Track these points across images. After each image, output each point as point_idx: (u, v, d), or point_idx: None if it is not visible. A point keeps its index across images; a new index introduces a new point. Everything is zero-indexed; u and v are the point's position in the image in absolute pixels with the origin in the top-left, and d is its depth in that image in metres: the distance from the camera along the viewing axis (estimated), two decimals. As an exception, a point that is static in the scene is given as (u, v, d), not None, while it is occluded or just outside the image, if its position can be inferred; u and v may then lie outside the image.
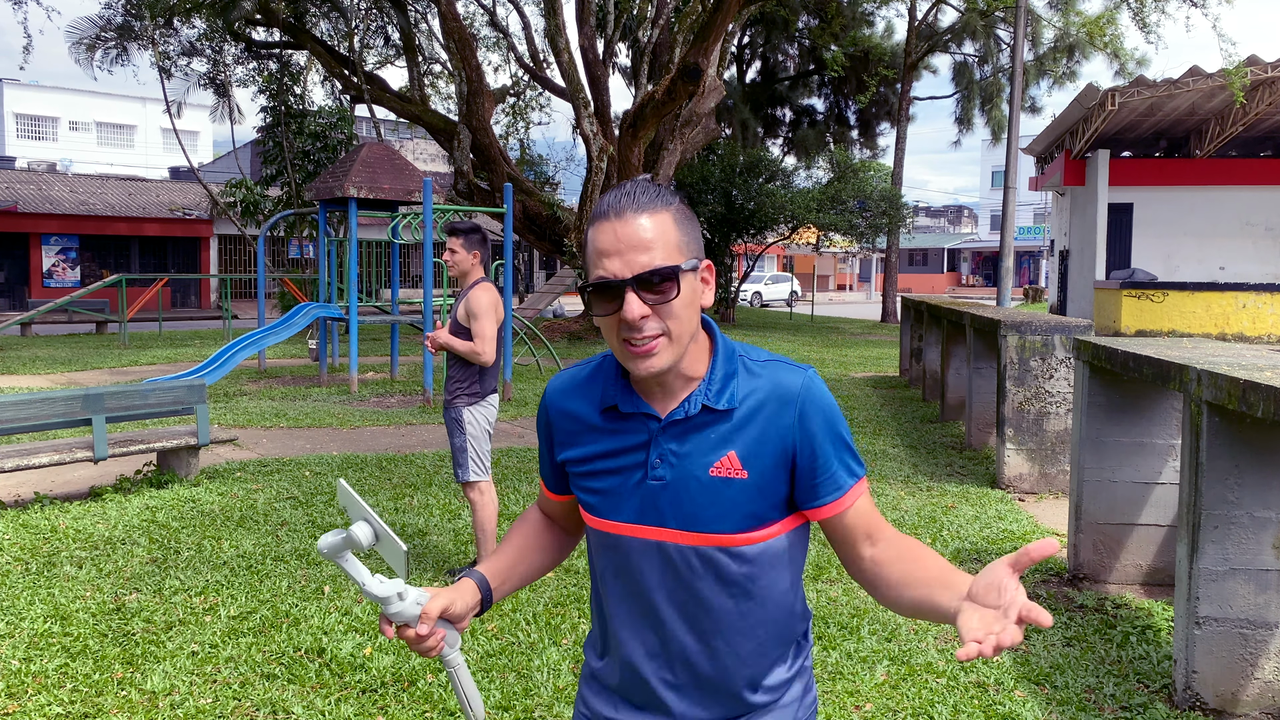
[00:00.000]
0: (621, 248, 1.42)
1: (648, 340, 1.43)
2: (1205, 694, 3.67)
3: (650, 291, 1.42)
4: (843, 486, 1.50)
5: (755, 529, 1.49)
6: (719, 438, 1.48)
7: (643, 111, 17.39)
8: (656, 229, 1.43)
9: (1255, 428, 3.55)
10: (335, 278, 14.81)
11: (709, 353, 1.53)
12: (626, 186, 1.47)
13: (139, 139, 54.03)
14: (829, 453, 1.49)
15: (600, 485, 1.54)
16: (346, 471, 7.61)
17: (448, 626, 1.56)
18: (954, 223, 76.58)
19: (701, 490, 1.47)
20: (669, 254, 1.43)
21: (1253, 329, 16.13)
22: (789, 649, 1.61)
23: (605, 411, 1.55)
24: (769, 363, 1.53)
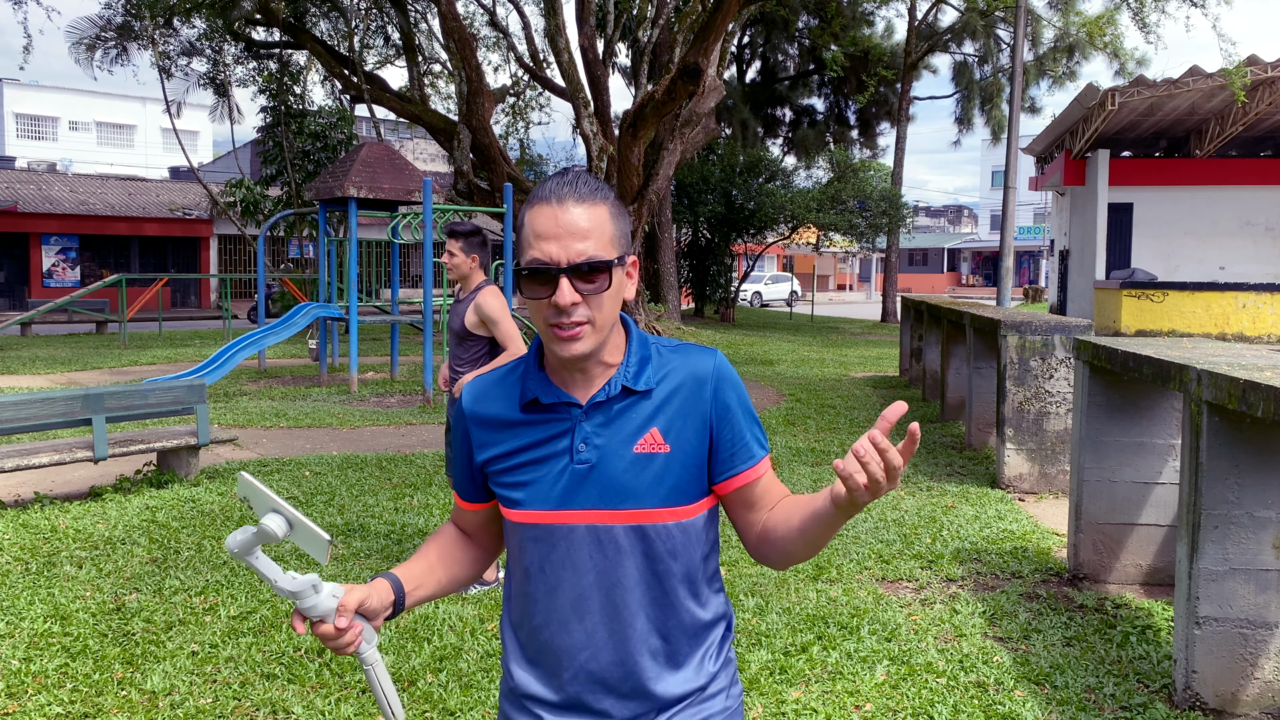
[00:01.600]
0: (560, 233, 1.47)
1: (574, 325, 1.48)
2: (1205, 694, 3.67)
3: (583, 280, 1.47)
4: (755, 456, 1.59)
5: (679, 504, 1.54)
6: (640, 416, 1.54)
7: (643, 111, 17.39)
8: (594, 220, 1.49)
9: (1255, 428, 3.55)
10: (335, 278, 14.81)
11: (624, 341, 1.60)
12: (568, 175, 1.52)
13: (139, 139, 54.04)
14: (743, 424, 1.58)
15: (525, 478, 1.56)
16: (346, 471, 7.61)
17: (364, 622, 1.54)
18: (954, 223, 76.58)
19: (626, 467, 1.52)
20: (604, 246, 1.49)
21: (1253, 329, 16.13)
22: (710, 638, 1.63)
23: (525, 406, 1.58)
24: (680, 347, 1.61)
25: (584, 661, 1.56)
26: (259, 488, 1.47)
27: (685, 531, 1.56)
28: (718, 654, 1.64)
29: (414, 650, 4.15)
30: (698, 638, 1.61)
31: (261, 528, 1.46)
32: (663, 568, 1.55)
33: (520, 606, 1.63)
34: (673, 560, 1.55)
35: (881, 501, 6.85)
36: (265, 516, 1.47)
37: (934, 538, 5.92)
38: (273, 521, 1.46)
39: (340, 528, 6.03)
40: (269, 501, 1.47)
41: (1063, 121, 20.90)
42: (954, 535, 5.99)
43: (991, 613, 4.67)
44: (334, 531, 5.94)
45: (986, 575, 5.26)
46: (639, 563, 1.54)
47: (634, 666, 1.56)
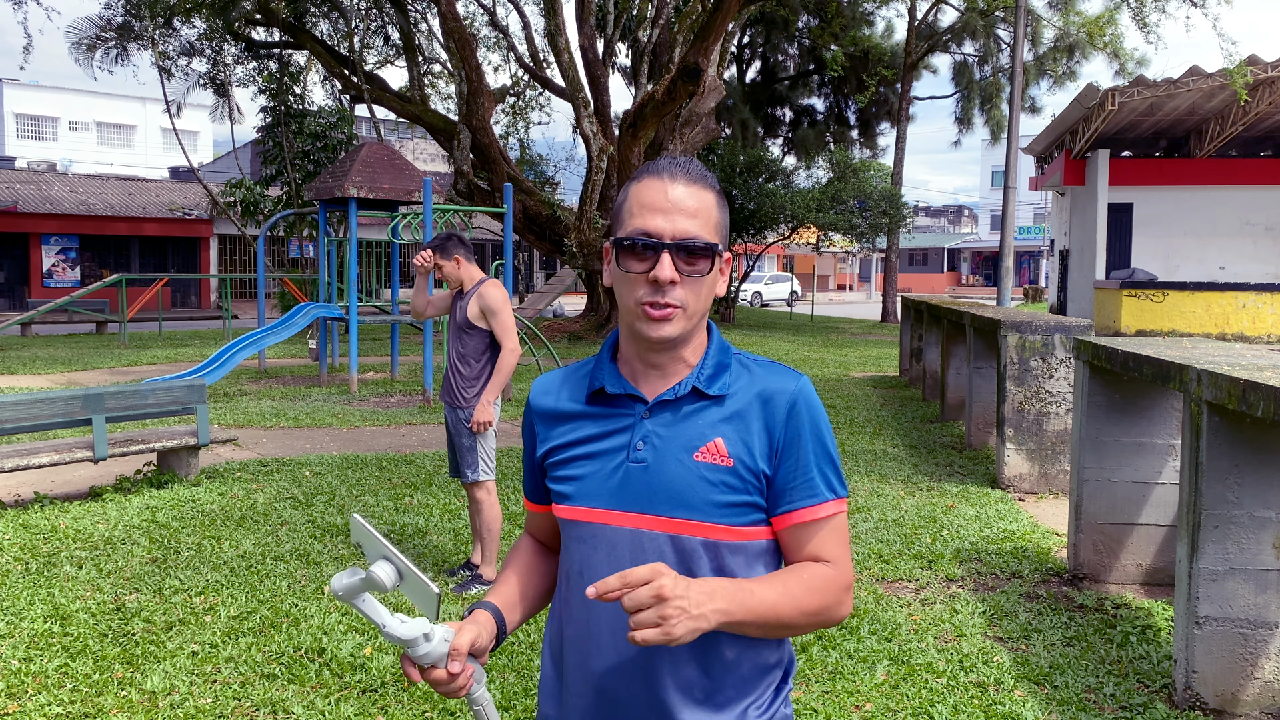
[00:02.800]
0: (669, 207, 1.41)
1: (667, 307, 1.41)
2: (1205, 694, 3.67)
3: (685, 260, 1.41)
4: (818, 496, 1.45)
5: (733, 524, 1.43)
6: (706, 423, 1.45)
7: (643, 111, 17.39)
8: (704, 204, 1.44)
9: (1255, 428, 3.55)
10: (335, 278, 14.81)
11: (704, 343, 1.52)
12: (679, 158, 1.47)
13: (139, 139, 54.03)
14: (811, 458, 1.45)
15: (579, 471, 1.49)
16: (346, 471, 7.61)
17: (475, 663, 1.45)
18: (954, 223, 76.57)
19: (683, 473, 1.43)
20: (710, 231, 1.44)
21: (1253, 329, 16.13)
22: (763, 683, 1.49)
23: (592, 397, 1.51)
24: (765, 362, 1.52)
25: (611, 685, 1.45)
26: (371, 533, 1.39)
27: (737, 554, 1.44)
28: (768, 706, 1.48)
29: (414, 650, 4.15)
30: (746, 681, 1.47)
31: (371, 575, 1.39)
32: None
33: (559, 615, 1.55)
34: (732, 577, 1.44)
35: (881, 501, 6.85)
36: (375, 564, 1.39)
37: (934, 538, 5.92)
38: (382, 570, 1.38)
39: (340, 528, 6.03)
40: (380, 549, 1.39)
41: (1063, 121, 20.90)
42: (954, 535, 5.99)
43: (991, 613, 4.67)
44: (334, 531, 5.94)
45: (986, 575, 5.26)
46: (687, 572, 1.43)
47: (663, 699, 1.43)
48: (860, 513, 6.51)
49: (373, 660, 4.04)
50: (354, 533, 1.43)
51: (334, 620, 4.48)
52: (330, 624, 4.43)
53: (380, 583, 1.37)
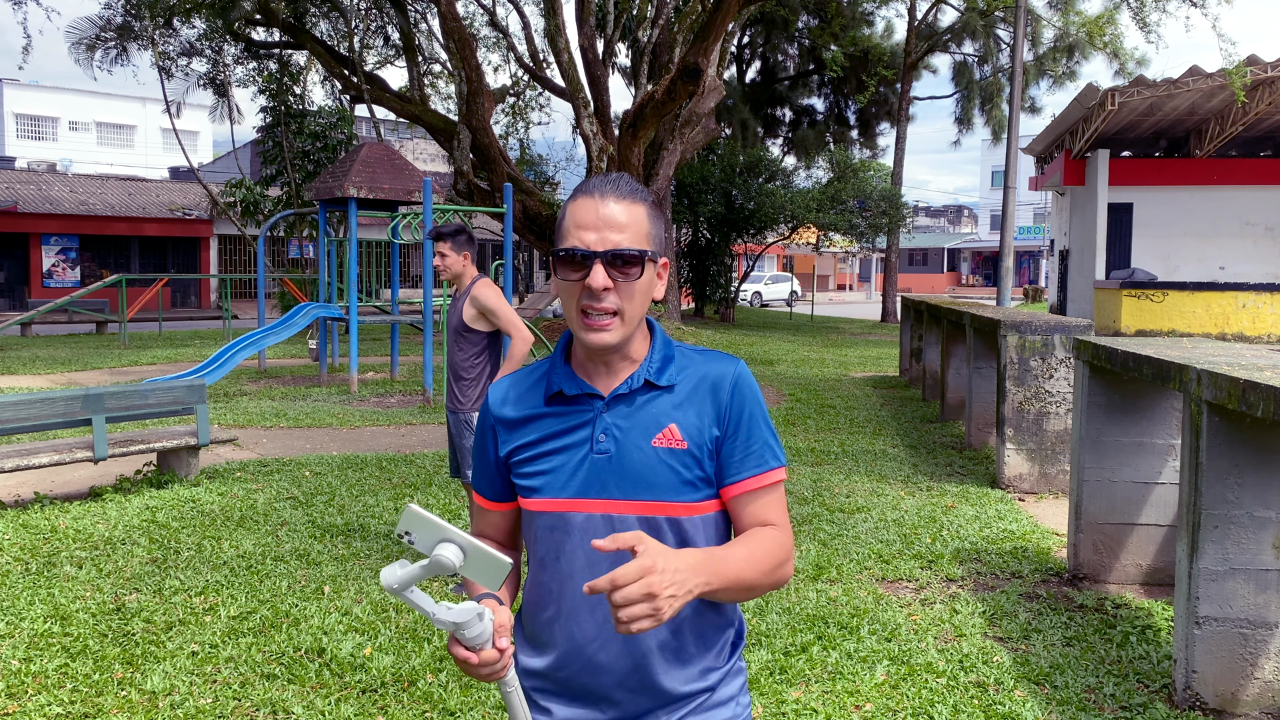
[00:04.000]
0: (599, 224, 1.54)
1: (604, 315, 1.54)
2: (1205, 694, 3.67)
3: (616, 269, 1.54)
4: (765, 464, 1.60)
5: (694, 500, 1.57)
6: (660, 411, 1.59)
7: (643, 111, 17.39)
8: (632, 216, 1.56)
9: (1255, 428, 3.55)
10: (335, 278, 14.81)
11: (648, 340, 1.65)
12: (611, 175, 1.61)
13: (139, 139, 54.02)
14: (759, 429, 1.61)
15: (545, 466, 1.61)
16: (346, 471, 7.61)
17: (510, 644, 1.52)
18: (954, 223, 76.56)
19: (644, 459, 1.56)
20: (638, 240, 1.56)
21: (1253, 329, 16.13)
22: (720, 641, 1.65)
23: (550, 399, 1.63)
24: (704, 351, 1.66)
25: (594, 652, 1.58)
26: (429, 518, 1.41)
27: (698, 527, 1.59)
28: (726, 659, 1.66)
29: (414, 650, 4.15)
30: (706, 638, 1.63)
31: (435, 559, 1.40)
32: None
33: (533, 598, 1.66)
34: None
35: (881, 501, 6.85)
36: (439, 547, 1.41)
37: (934, 538, 5.92)
38: (448, 552, 1.40)
39: (340, 528, 6.03)
40: (440, 532, 1.41)
41: (1063, 121, 20.90)
42: (954, 535, 5.99)
43: (991, 613, 4.67)
44: (334, 531, 5.94)
45: (986, 575, 5.26)
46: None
47: (642, 659, 1.58)
48: (860, 513, 6.51)
49: (373, 660, 4.04)
50: (404, 522, 1.43)
51: (334, 620, 4.48)
52: (330, 624, 4.43)
53: (447, 565, 1.40)
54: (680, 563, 1.40)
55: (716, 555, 1.48)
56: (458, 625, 1.40)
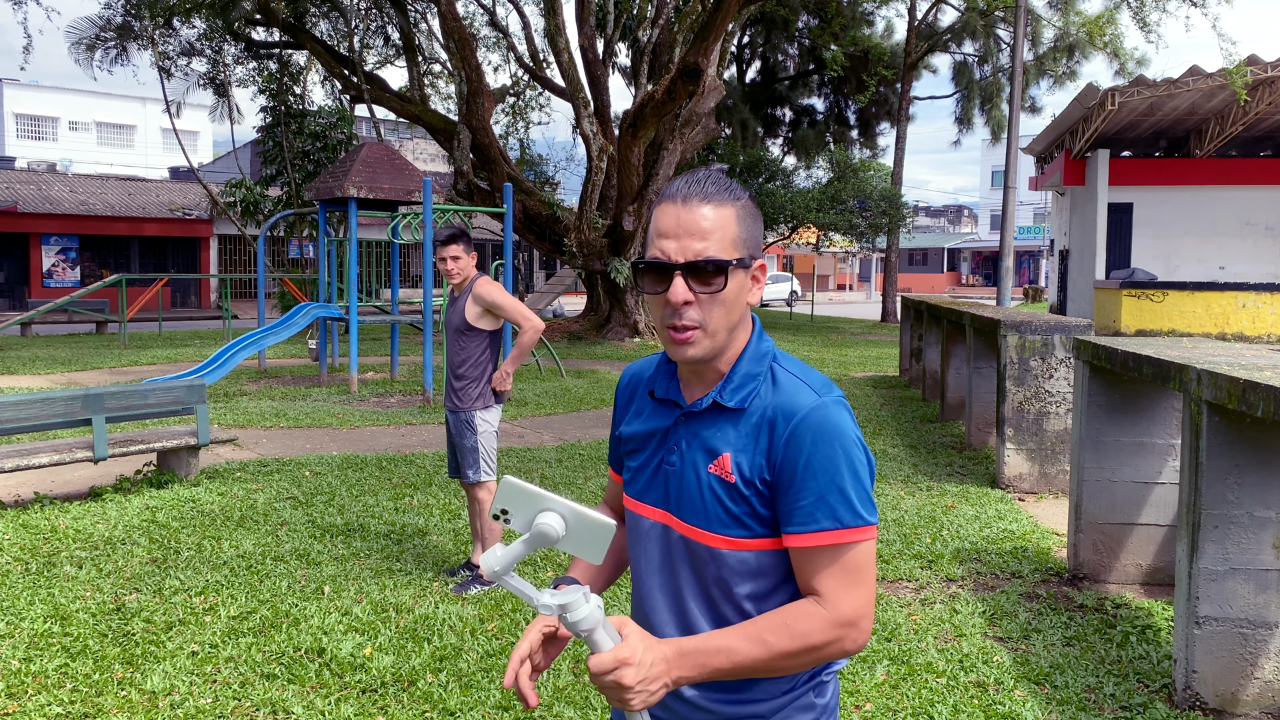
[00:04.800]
0: (680, 232, 1.45)
1: (686, 329, 1.46)
2: (1205, 694, 3.67)
3: (698, 280, 1.45)
4: (812, 524, 1.41)
5: (735, 536, 1.47)
6: (721, 437, 1.49)
7: (643, 111, 17.38)
8: (717, 221, 1.46)
9: (1255, 428, 3.55)
10: (335, 278, 14.81)
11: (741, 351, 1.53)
12: (699, 174, 1.50)
13: (139, 139, 54.02)
14: (808, 483, 1.42)
15: (634, 464, 1.60)
16: (346, 471, 7.61)
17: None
18: (954, 222, 76.55)
19: (698, 483, 1.49)
20: (724, 247, 1.46)
21: (1253, 329, 16.13)
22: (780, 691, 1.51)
23: (651, 395, 1.61)
24: (795, 377, 1.50)
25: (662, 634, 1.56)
26: (527, 488, 1.36)
27: (744, 563, 1.48)
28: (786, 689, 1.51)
29: (414, 650, 4.15)
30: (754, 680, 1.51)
31: (537, 531, 1.35)
32: (720, 590, 1.50)
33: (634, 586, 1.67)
34: (730, 585, 1.49)
35: (881, 501, 6.85)
36: (540, 517, 1.35)
37: (934, 538, 5.92)
38: (550, 521, 1.35)
39: (340, 528, 6.03)
40: (540, 500, 1.36)
41: (1063, 121, 20.89)
42: (954, 535, 5.99)
43: (991, 613, 4.67)
44: (334, 531, 5.94)
45: (986, 575, 5.26)
46: (697, 575, 1.51)
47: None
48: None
49: (373, 660, 4.04)
50: (500, 498, 1.38)
51: (334, 620, 4.48)
52: (330, 624, 4.43)
53: (550, 536, 1.35)
54: (658, 654, 1.37)
55: (710, 644, 1.40)
56: (564, 607, 1.33)
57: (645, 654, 1.36)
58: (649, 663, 1.36)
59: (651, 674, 1.36)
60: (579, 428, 10.06)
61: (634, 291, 20.09)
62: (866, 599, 1.44)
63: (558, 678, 3.90)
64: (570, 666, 4.01)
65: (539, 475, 7.54)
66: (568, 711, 3.62)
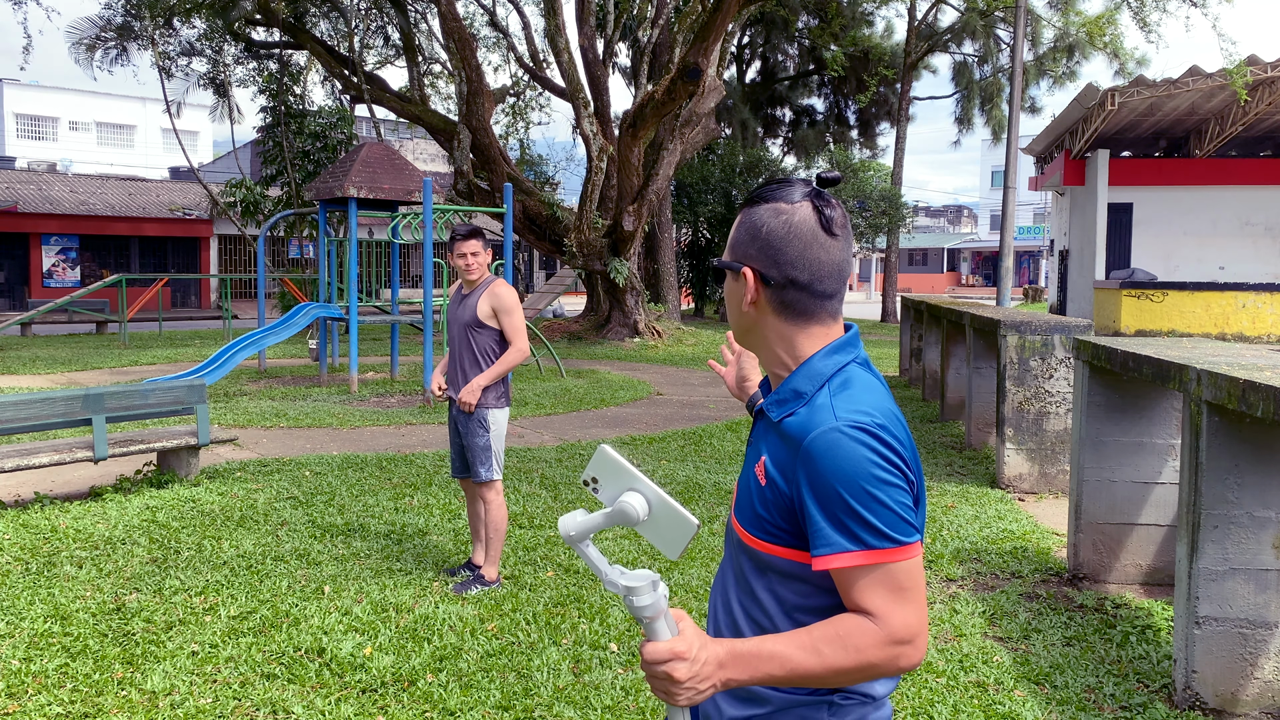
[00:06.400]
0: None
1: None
2: (1205, 694, 3.67)
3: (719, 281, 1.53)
4: (829, 546, 1.39)
5: (763, 540, 1.49)
6: (766, 442, 1.54)
7: (643, 111, 17.38)
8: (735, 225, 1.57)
9: (1255, 428, 3.55)
10: (335, 278, 14.81)
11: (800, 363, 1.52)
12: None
13: (139, 139, 54.02)
14: (815, 507, 1.40)
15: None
16: (346, 471, 7.61)
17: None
18: (954, 223, 76.55)
19: (745, 482, 1.56)
20: (726, 250, 1.56)
21: (1253, 329, 16.13)
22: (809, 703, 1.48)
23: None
24: (828, 400, 1.45)
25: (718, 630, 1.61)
26: (621, 462, 1.34)
27: (777, 569, 1.49)
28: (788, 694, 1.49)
29: (414, 650, 4.15)
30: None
31: (619, 508, 1.32)
32: (760, 585, 1.51)
33: None
34: (770, 584, 1.50)
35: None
36: (625, 495, 1.33)
37: (934, 538, 5.92)
38: (634, 501, 1.32)
39: (340, 528, 6.03)
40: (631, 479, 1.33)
41: (1063, 121, 20.90)
42: (954, 535, 5.99)
43: (991, 613, 4.67)
44: (334, 531, 5.94)
45: (986, 575, 5.26)
46: (743, 568, 1.56)
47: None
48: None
49: (373, 660, 4.04)
50: (593, 466, 1.36)
51: (334, 620, 4.48)
52: (330, 624, 4.43)
53: (631, 516, 1.33)
54: (711, 654, 1.38)
55: (764, 649, 1.39)
56: (630, 590, 1.30)
57: (700, 651, 1.37)
58: (702, 660, 1.37)
59: (703, 673, 1.37)
60: (579, 428, 10.06)
61: (634, 292, 20.09)
62: (918, 616, 1.41)
63: (558, 678, 3.90)
64: (570, 667, 4.01)
65: (539, 475, 7.55)
66: (568, 711, 3.62)
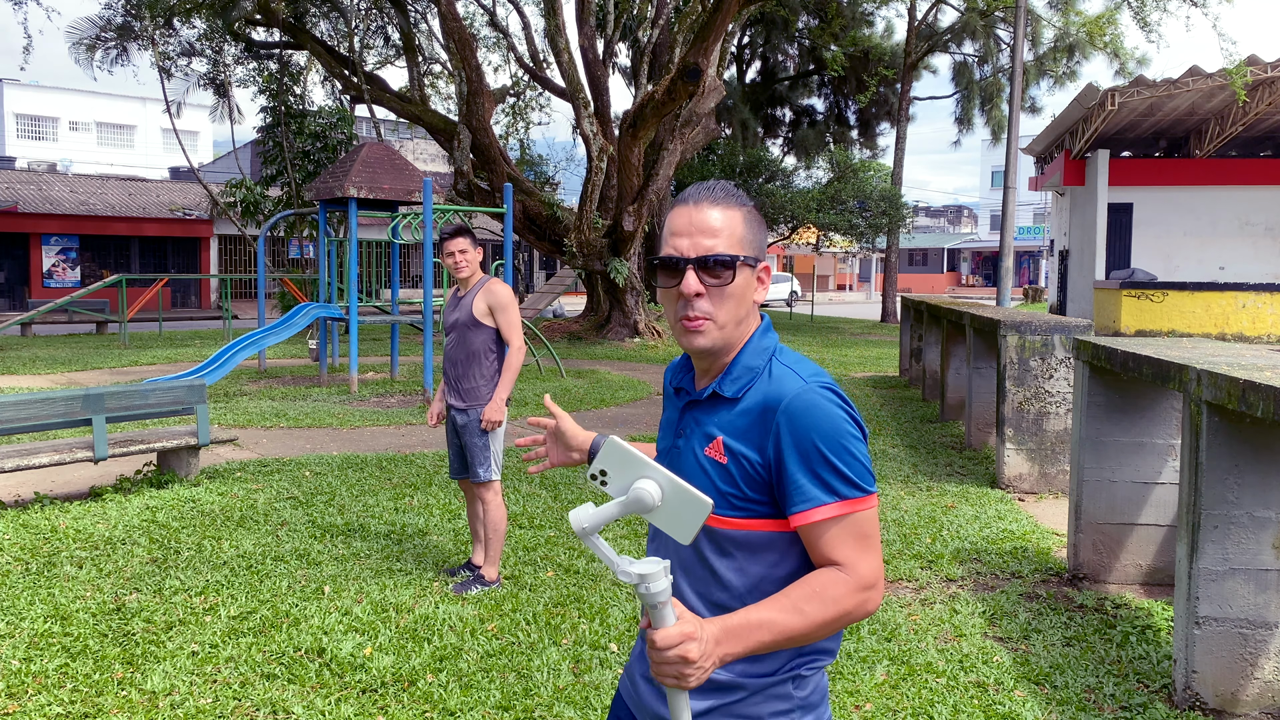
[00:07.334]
0: (692, 231, 1.60)
1: (698, 319, 1.59)
2: (1205, 694, 3.67)
3: (708, 273, 1.58)
4: (810, 500, 1.51)
5: (732, 516, 1.57)
6: (718, 422, 1.61)
7: (643, 111, 17.38)
8: (726, 222, 1.61)
9: (1255, 428, 3.55)
10: (335, 278, 14.81)
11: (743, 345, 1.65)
12: (708, 183, 1.65)
13: (139, 139, 54.02)
14: (799, 464, 1.52)
15: (660, 445, 1.76)
16: (346, 471, 7.61)
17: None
18: (954, 223, 76.55)
19: (695, 464, 1.62)
20: (731, 245, 1.60)
21: (1253, 329, 16.13)
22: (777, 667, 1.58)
23: (674, 386, 1.76)
24: (787, 367, 1.61)
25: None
26: (631, 451, 1.38)
27: (738, 544, 1.58)
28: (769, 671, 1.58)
29: (414, 650, 4.15)
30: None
31: (634, 496, 1.35)
32: (725, 565, 1.59)
33: None
34: (737, 562, 1.58)
35: (881, 501, 6.85)
36: (638, 483, 1.36)
37: (934, 538, 5.92)
38: (647, 488, 1.36)
39: (340, 528, 6.03)
40: (642, 466, 1.37)
41: (1063, 121, 20.89)
42: (954, 535, 5.99)
43: (991, 613, 4.67)
44: (334, 531, 5.94)
45: (986, 575, 5.26)
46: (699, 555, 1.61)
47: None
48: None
49: (373, 660, 4.04)
50: (601, 459, 1.40)
51: (334, 620, 4.48)
52: (330, 624, 4.43)
53: (646, 502, 1.36)
54: (708, 633, 1.43)
55: (751, 620, 1.47)
56: (644, 578, 1.33)
57: (701, 630, 1.42)
58: (705, 638, 1.41)
59: (707, 650, 1.41)
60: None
61: (634, 292, 20.09)
62: (879, 562, 1.56)
63: (558, 677, 3.90)
64: (570, 667, 4.01)
65: (539, 475, 7.55)
66: (568, 711, 3.62)
